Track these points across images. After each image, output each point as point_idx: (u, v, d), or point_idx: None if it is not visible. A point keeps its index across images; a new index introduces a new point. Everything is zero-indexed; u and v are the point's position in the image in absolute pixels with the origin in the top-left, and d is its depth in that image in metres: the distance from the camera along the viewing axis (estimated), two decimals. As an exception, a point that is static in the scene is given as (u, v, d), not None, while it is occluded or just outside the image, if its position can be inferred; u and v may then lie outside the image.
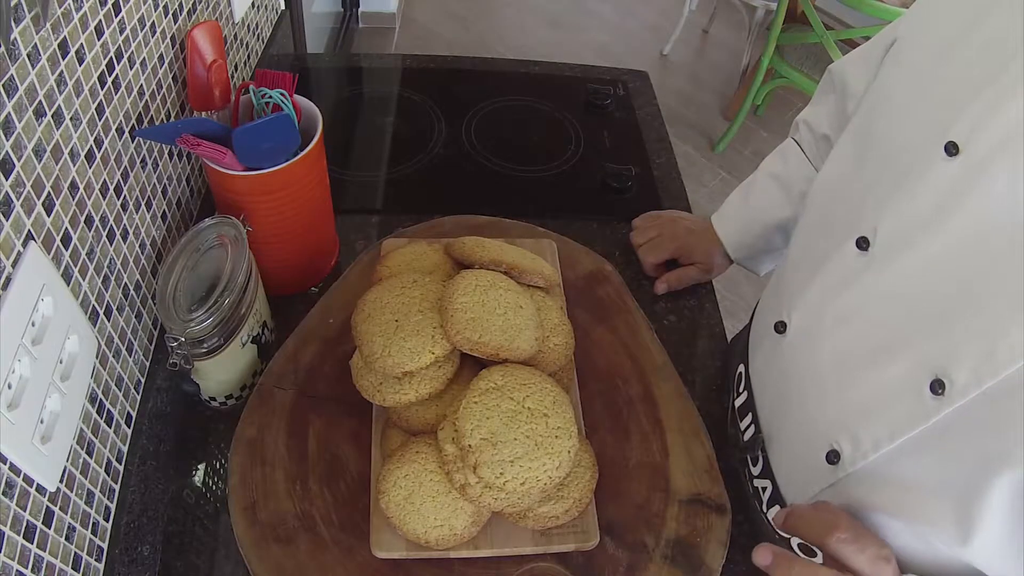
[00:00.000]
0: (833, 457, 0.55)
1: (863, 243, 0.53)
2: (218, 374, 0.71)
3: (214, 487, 0.71)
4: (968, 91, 0.48)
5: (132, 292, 0.68)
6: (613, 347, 0.78)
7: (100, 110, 0.61)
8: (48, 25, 0.52)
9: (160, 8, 0.72)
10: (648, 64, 3.01)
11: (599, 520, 0.65)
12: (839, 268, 0.56)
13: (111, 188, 0.64)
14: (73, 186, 0.57)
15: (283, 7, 1.24)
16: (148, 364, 0.72)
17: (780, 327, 0.63)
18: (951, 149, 0.47)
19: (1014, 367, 0.42)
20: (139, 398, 0.70)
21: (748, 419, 0.69)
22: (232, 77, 0.96)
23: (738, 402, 0.72)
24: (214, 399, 0.74)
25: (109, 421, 0.63)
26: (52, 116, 0.53)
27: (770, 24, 2.38)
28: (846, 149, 0.61)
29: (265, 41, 1.15)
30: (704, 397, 0.80)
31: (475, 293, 0.63)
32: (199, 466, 0.73)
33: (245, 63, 1.04)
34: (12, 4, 0.46)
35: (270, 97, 0.75)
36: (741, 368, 0.73)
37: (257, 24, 1.09)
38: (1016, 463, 0.45)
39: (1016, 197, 0.43)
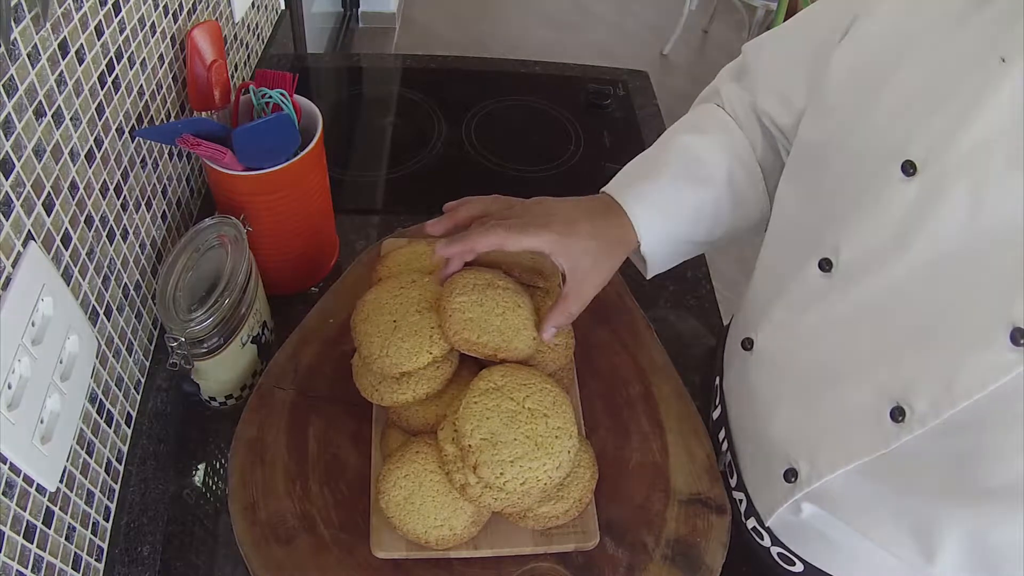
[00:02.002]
0: (791, 476, 0.55)
1: (826, 265, 0.51)
2: (218, 374, 0.71)
3: (214, 487, 0.71)
4: (923, 105, 0.46)
5: (132, 292, 0.68)
6: (613, 347, 0.78)
7: (100, 110, 0.61)
8: (48, 25, 0.52)
9: (160, 8, 0.72)
10: (648, 64, 3.01)
11: (599, 520, 0.65)
12: (802, 289, 0.54)
13: (111, 188, 0.64)
14: (73, 186, 0.57)
15: (283, 7, 1.24)
16: (148, 364, 0.72)
17: (747, 344, 0.63)
18: (908, 169, 0.45)
19: (970, 400, 0.42)
20: (139, 398, 0.70)
21: (722, 433, 0.69)
22: (232, 77, 0.96)
23: (715, 415, 0.72)
24: (214, 399, 0.74)
25: (109, 421, 0.63)
26: (52, 116, 0.53)
27: (770, 24, 2.38)
28: (802, 163, 0.59)
29: (265, 41, 1.15)
30: (704, 397, 0.80)
31: (473, 292, 0.63)
32: (199, 466, 0.73)
33: (245, 63, 1.04)
34: (12, 4, 0.46)
35: (270, 97, 0.75)
36: (718, 381, 0.73)
37: (257, 24, 1.09)
38: (974, 496, 0.45)
39: (975, 223, 0.42)
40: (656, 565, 0.64)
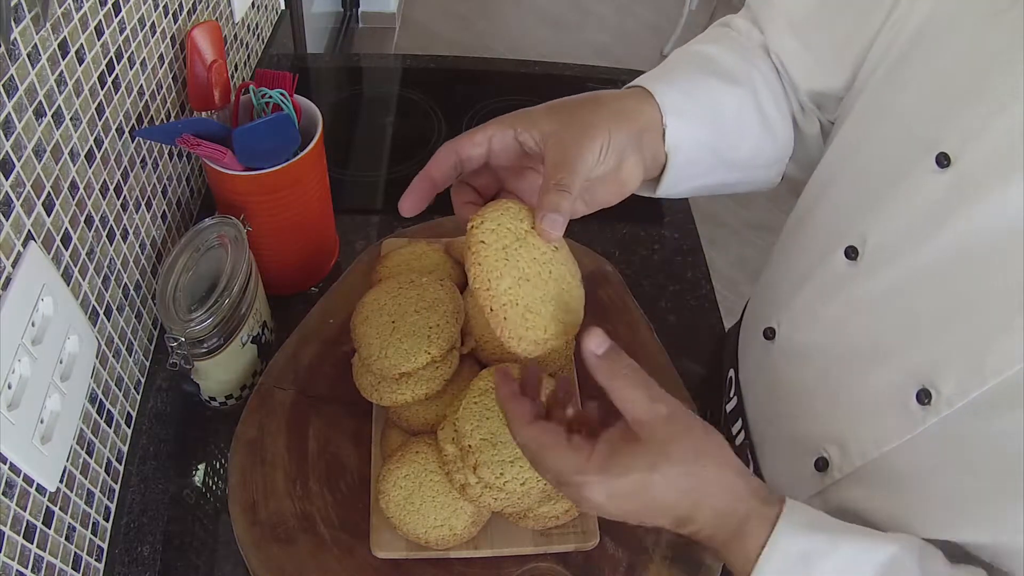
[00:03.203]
0: (821, 464, 0.55)
1: (852, 252, 0.52)
2: (218, 374, 0.71)
3: (214, 487, 0.71)
4: (959, 97, 0.46)
5: (132, 292, 0.68)
6: (613, 347, 0.78)
7: (100, 110, 0.61)
8: (48, 25, 0.52)
9: (160, 8, 0.72)
10: (648, 64, 3.00)
11: (599, 520, 0.65)
12: (827, 277, 0.55)
13: (111, 188, 0.64)
14: (73, 186, 0.57)
15: (283, 7, 1.24)
16: (148, 364, 0.72)
17: (769, 333, 0.63)
18: (942, 161, 0.45)
19: (1000, 377, 0.42)
20: (139, 398, 0.70)
21: (738, 424, 0.69)
22: (232, 77, 0.96)
23: (728, 407, 0.72)
24: (214, 399, 0.74)
25: (109, 421, 0.63)
26: (52, 116, 0.53)
27: (770, 24, 2.38)
28: (829, 150, 0.59)
29: (265, 41, 1.15)
30: (704, 397, 0.80)
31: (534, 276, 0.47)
32: (199, 466, 0.73)
33: (245, 63, 1.04)
34: (12, 4, 0.46)
35: (270, 97, 0.75)
36: (731, 373, 0.72)
37: (257, 24, 1.09)
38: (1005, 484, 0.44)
39: (1009, 212, 0.42)
40: (656, 565, 0.64)
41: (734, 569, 0.46)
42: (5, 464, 0.47)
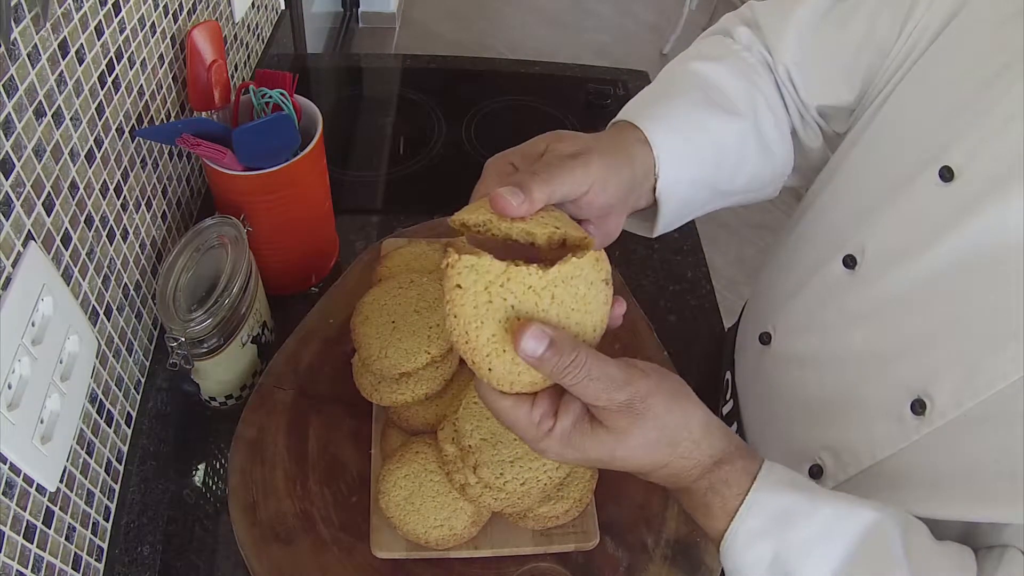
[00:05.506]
0: (816, 471, 0.55)
1: (850, 261, 0.52)
2: (218, 374, 0.71)
3: (214, 487, 0.71)
4: (964, 111, 0.47)
5: (132, 292, 0.68)
6: (612, 347, 0.78)
7: (100, 110, 0.61)
8: (48, 25, 0.52)
9: (160, 8, 0.72)
10: (648, 64, 3.01)
11: (599, 520, 0.65)
12: (825, 284, 0.55)
13: (111, 188, 0.64)
14: (73, 186, 0.57)
15: (283, 7, 1.24)
16: (148, 364, 0.72)
17: (765, 338, 0.62)
18: (946, 175, 0.46)
19: (995, 389, 0.42)
20: (139, 398, 0.70)
21: (734, 427, 0.69)
22: (232, 77, 0.96)
23: (725, 409, 0.72)
24: (214, 399, 0.74)
25: (109, 421, 0.63)
26: (52, 116, 0.53)
27: (770, 24, 2.38)
28: (831, 158, 0.60)
29: (265, 41, 1.15)
30: (704, 397, 0.80)
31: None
32: (199, 466, 0.73)
33: (245, 63, 1.04)
34: (12, 4, 0.46)
35: (270, 97, 0.75)
36: (728, 375, 0.72)
37: (257, 24, 1.09)
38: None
39: (1009, 227, 0.43)
40: (656, 565, 0.64)
41: (704, 524, 0.46)
42: (5, 464, 0.47)
